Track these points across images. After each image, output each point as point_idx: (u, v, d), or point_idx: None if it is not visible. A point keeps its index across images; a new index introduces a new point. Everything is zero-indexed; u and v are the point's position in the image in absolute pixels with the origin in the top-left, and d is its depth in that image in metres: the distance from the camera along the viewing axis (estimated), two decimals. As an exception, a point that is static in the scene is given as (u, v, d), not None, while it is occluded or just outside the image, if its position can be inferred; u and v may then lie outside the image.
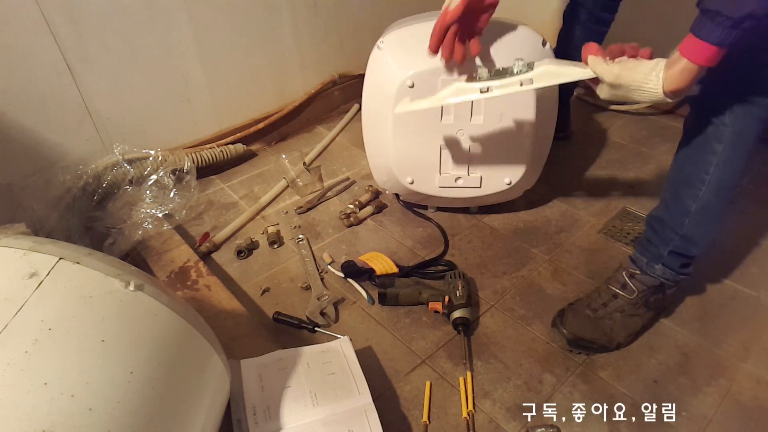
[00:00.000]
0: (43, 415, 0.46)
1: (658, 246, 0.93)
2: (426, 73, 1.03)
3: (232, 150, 1.50)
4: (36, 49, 1.13)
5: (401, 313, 1.05)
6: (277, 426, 0.75)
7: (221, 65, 1.44)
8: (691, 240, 0.89)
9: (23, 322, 0.50)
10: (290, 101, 1.65)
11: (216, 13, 1.37)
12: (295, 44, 1.58)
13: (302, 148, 1.58)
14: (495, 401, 0.88)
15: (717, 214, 0.87)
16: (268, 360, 0.85)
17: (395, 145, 1.14)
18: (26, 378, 0.48)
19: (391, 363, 0.95)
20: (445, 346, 0.98)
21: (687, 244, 0.90)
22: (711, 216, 0.87)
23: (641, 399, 0.87)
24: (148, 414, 0.53)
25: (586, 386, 0.90)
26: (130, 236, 1.18)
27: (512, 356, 0.95)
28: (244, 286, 1.13)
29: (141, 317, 0.58)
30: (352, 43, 1.71)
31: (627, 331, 0.95)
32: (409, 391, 0.90)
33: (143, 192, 1.27)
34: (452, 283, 1.02)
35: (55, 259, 0.56)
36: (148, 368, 0.55)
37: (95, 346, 0.52)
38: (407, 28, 1.10)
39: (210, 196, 1.42)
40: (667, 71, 0.69)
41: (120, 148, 1.30)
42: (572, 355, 0.95)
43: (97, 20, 1.18)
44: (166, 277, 1.08)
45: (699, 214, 0.86)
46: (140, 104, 1.34)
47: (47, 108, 1.19)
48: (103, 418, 0.49)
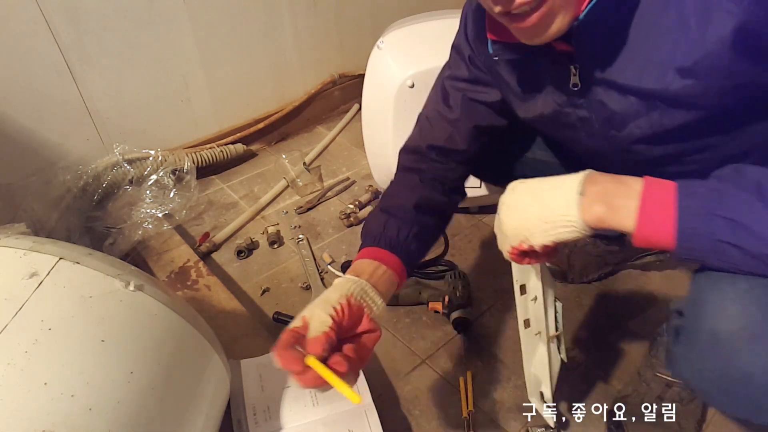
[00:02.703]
0: (43, 415, 0.46)
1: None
2: (426, 73, 1.03)
3: (232, 150, 1.50)
4: (36, 49, 1.13)
5: (401, 313, 1.05)
6: (277, 426, 0.75)
7: (221, 65, 1.44)
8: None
9: (23, 322, 0.50)
10: (290, 101, 1.65)
11: (216, 13, 1.36)
12: (295, 44, 1.57)
13: (302, 148, 1.58)
14: (495, 401, 0.88)
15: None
16: (268, 360, 0.85)
17: (395, 145, 1.14)
18: (26, 378, 0.48)
19: (391, 363, 0.95)
20: (445, 346, 0.98)
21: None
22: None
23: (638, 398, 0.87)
24: (148, 414, 0.53)
25: (586, 386, 0.90)
26: (130, 236, 1.17)
27: (512, 356, 0.95)
28: (244, 286, 1.13)
29: (141, 317, 0.58)
30: (352, 43, 1.71)
31: (695, 420, 0.82)
32: (409, 391, 0.90)
33: (143, 192, 1.27)
34: (452, 283, 1.02)
35: (55, 259, 0.56)
36: (148, 368, 0.55)
37: (95, 346, 0.52)
38: (407, 28, 1.10)
39: (210, 196, 1.42)
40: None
41: (120, 148, 1.29)
42: (572, 355, 0.95)
43: (97, 20, 1.18)
44: (166, 277, 1.08)
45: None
46: (140, 104, 1.34)
47: (47, 108, 1.19)
48: (103, 418, 0.49)
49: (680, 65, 0.49)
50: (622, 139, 0.60)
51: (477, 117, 0.75)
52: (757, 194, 0.46)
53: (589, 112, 0.61)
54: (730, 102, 0.51)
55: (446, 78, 0.77)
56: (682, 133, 0.56)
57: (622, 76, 0.54)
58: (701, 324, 0.51)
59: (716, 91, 0.50)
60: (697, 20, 0.47)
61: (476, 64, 0.72)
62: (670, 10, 0.49)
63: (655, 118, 0.55)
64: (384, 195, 0.77)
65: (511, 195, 0.59)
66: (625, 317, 1.02)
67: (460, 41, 0.74)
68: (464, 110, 0.74)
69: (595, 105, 0.59)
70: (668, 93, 0.52)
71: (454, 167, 0.77)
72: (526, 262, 0.62)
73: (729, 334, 0.48)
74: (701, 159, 0.58)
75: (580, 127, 0.64)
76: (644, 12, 0.51)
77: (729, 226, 0.45)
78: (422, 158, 0.77)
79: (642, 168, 0.54)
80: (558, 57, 0.57)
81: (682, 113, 0.53)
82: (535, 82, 0.64)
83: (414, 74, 1.04)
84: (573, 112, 0.62)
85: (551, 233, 0.55)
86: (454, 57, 0.76)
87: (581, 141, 0.66)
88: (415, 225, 0.70)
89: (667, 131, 0.56)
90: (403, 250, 0.68)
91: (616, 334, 0.98)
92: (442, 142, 0.76)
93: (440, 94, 0.77)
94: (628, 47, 0.53)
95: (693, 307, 0.53)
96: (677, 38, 0.49)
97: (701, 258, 0.49)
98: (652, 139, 0.58)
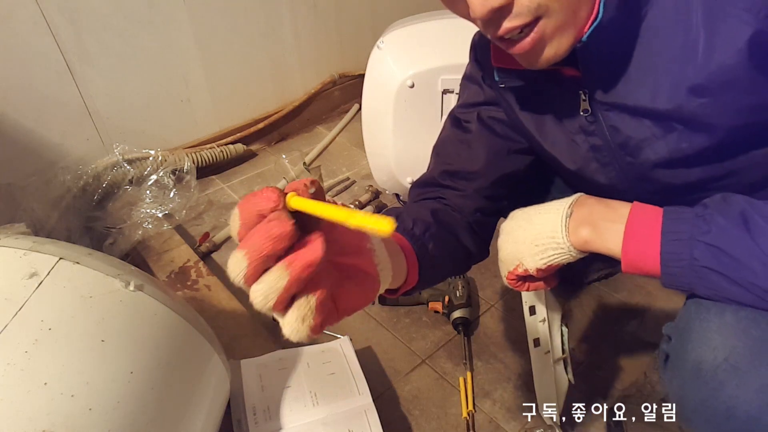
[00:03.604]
0: (43, 415, 0.46)
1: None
2: (426, 73, 1.03)
3: (232, 150, 1.50)
4: (36, 49, 1.13)
5: (401, 313, 1.05)
6: (277, 426, 0.75)
7: (221, 65, 1.44)
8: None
9: (23, 322, 0.50)
10: (290, 101, 1.65)
11: (216, 13, 1.37)
12: (295, 44, 1.57)
13: (302, 148, 1.58)
14: (495, 401, 0.88)
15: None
16: (268, 360, 0.85)
17: (395, 145, 1.14)
18: (26, 378, 0.48)
19: (391, 363, 0.95)
20: (445, 346, 0.98)
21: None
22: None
23: (641, 399, 0.87)
24: (148, 414, 0.53)
25: (586, 386, 0.90)
26: (130, 236, 1.17)
27: (512, 356, 0.95)
28: (244, 286, 1.13)
29: (141, 317, 0.58)
30: (352, 43, 1.71)
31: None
32: (409, 391, 0.90)
33: (143, 192, 1.27)
34: (452, 283, 1.02)
35: (55, 259, 0.56)
36: (148, 368, 0.55)
37: (95, 346, 0.52)
38: (407, 28, 1.10)
39: (210, 196, 1.42)
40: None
41: (120, 148, 1.30)
42: (572, 355, 0.95)
43: (97, 20, 1.18)
44: (166, 277, 1.08)
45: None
46: (140, 104, 1.34)
47: (47, 108, 1.19)
48: (103, 418, 0.49)
49: (692, 83, 0.48)
50: (639, 166, 0.57)
51: (493, 132, 0.69)
52: (741, 222, 0.45)
53: (601, 140, 0.58)
54: (750, 123, 0.49)
55: (457, 108, 0.72)
56: (701, 158, 0.53)
57: (633, 98, 0.52)
58: (686, 353, 0.50)
59: (733, 109, 0.48)
60: (707, 34, 0.45)
61: (489, 84, 0.68)
62: (677, 26, 0.47)
63: (673, 141, 0.53)
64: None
65: (509, 221, 0.60)
66: (625, 317, 1.02)
67: (470, 70, 0.71)
68: (479, 127, 0.69)
69: (607, 131, 0.57)
70: (683, 113, 0.50)
71: (471, 194, 0.69)
72: (525, 288, 0.62)
73: (712, 365, 0.47)
74: (723, 187, 0.55)
75: (593, 158, 0.61)
76: (650, 30, 0.49)
77: (711, 251, 0.45)
78: (435, 188, 0.69)
79: (660, 201, 0.53)
80: (567, 83, 0.55)
81: (701, 136, 0.51)
82: (545, 110, 0.61)
83: (414, 74, 1.04)
84: (585, 141, 0.60)
85: (542, 256, 0.55)
86: (465, 86, 0.72)
87: (595, 174, 0.63)
88: (432, 226, 0.60)
89: (686, 156, 0.53)
90: (418, 243, 0.56)
91: (616, 335, 0.99)
92: (457, 165, 0.69)
93: (451, 123, 0.72)
94: (637, 68, 0.51)
95: (679, 334, 0.52)
96: (687, 54, 0.47)
97: (688, 286, 0.48)
98: (670, 164, 0.55)
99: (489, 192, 0.69)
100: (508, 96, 0.64)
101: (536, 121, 0.63)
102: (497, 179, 0.69)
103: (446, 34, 1.07)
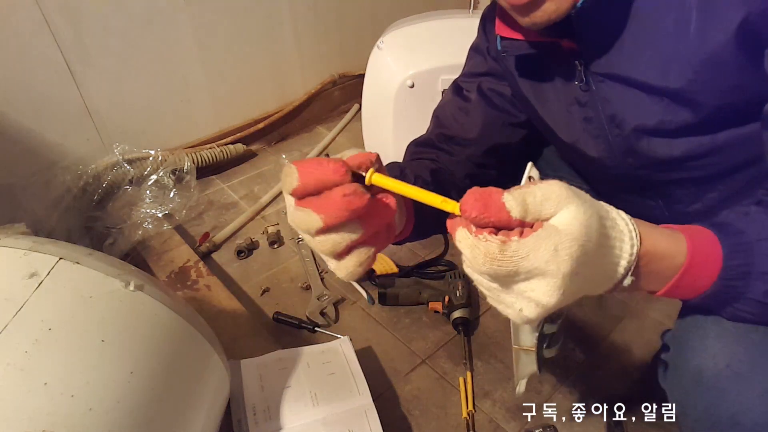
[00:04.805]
0: (43, 415, 0.46)
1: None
2: (426, 73, 1.04)
3: (232, 150, 1.50)
4: (36, 49, 1.13)
5: (401, 313, 1.05)
6: (277, 426, 0.75)
7: (221, 65, 1.44)
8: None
9: (23, 322, 0.50)
10: (290, 101, 1.65)
11: (216, 13, 1.37)
12: (295, 44, 1.57)
13: (302, 148, 1.58)
14: (495, 401, 0.88)
15: None
16: (268, 360, 0.85)
17: (395, 144, 1.14)
18: (26, 378, 0.48)
19: (391, 363, 0.95)
20: (445, 346, 0.98)
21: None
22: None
23: (641, 398, 0.87)
24: (148, 414, 0.53)
25: (586, 386, 0.90)
26: (130, 236, 1.18)
27: (512, 356, 0.95)
28: (244, 286, 1.13)
29: (141, 317, 0.58)
30: (352, 43, 1.71)
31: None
32: (409, 391, 0.90)
33: (143, 192, 1.27)
34: (452, 283, 1.02)
35: (55, 259, 0.56)
36: (148, 368, 0.55)
37: (95, 346, 0.52)
38: (407, 28, 1.10)
39: (210, 196, 1.42)
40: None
41: (120, 148, 1.30)
42: (572, 355, 0.95)
43: (97, 20, 1.18)
44: (166, 277, 1.08)
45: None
46: (140, 104, 1.34)
47: (47, 108, 1.19)
48: (103, 418, 0.49)
49: (683, 60, 0.49)
50: (625, 138, 0.59)
51: (491, 104, 0.73)
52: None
53: (593, 111, 0.60)
54: (733, 102, 0.50)
55: (460, 76, 0.76)
56: (685, 131, 0.55)
57: (625, 68, 0.54)
58: (686, 362, 0.49)
59: (719, 89, 0.49)
60: (699, 14, 0.46)
61: (493, 56, 0.72)
62: (671, 2, 0.48)
63: (659, 113, 0.54)
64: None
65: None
66: (625, 317, 1.02)
67: (478, 41, 0.74)
68: (478, 97, 0.73)
69: (599, 103, 0.59)
70: (671, 87, 0.51)
71: (463, 160, 0.72)
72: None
73: (714, 373, 0.46)
74: (706, 166, 0.57)
75: (584, 129, 0.63)
76: (645, 3, 0.50)
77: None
78: (431, 148, 0.73)
79: (644, 177, 0.53)
80: (564, 55, 0.58)
81: (686, 111, 0.53)
82: (544, 80, 0.64)
83: (414, 74, 1.04)
84: (579, 112, 0.62)
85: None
86: (471, 56, 0.76)
87: (586, 147, 0.65)
88: (431, 185, 0.61)
89: (670, 130, 0.55)
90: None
91: (616, 335, 0.99)
92: (454, 131, 0.73)
93: (453, 90, 0.76)
94: (631, 39, 0.52)
95: (678, 343, 0.51)
96: (680, 31, 0.48)
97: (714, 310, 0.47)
98: (654, 134, 0.57)
99: (480, 160, 0.73)
100: (509, 65, 0.67)
101: (535, 91, 0.66)
102: (489, 149, 0.73)
103: (446, 34, 1.07)
